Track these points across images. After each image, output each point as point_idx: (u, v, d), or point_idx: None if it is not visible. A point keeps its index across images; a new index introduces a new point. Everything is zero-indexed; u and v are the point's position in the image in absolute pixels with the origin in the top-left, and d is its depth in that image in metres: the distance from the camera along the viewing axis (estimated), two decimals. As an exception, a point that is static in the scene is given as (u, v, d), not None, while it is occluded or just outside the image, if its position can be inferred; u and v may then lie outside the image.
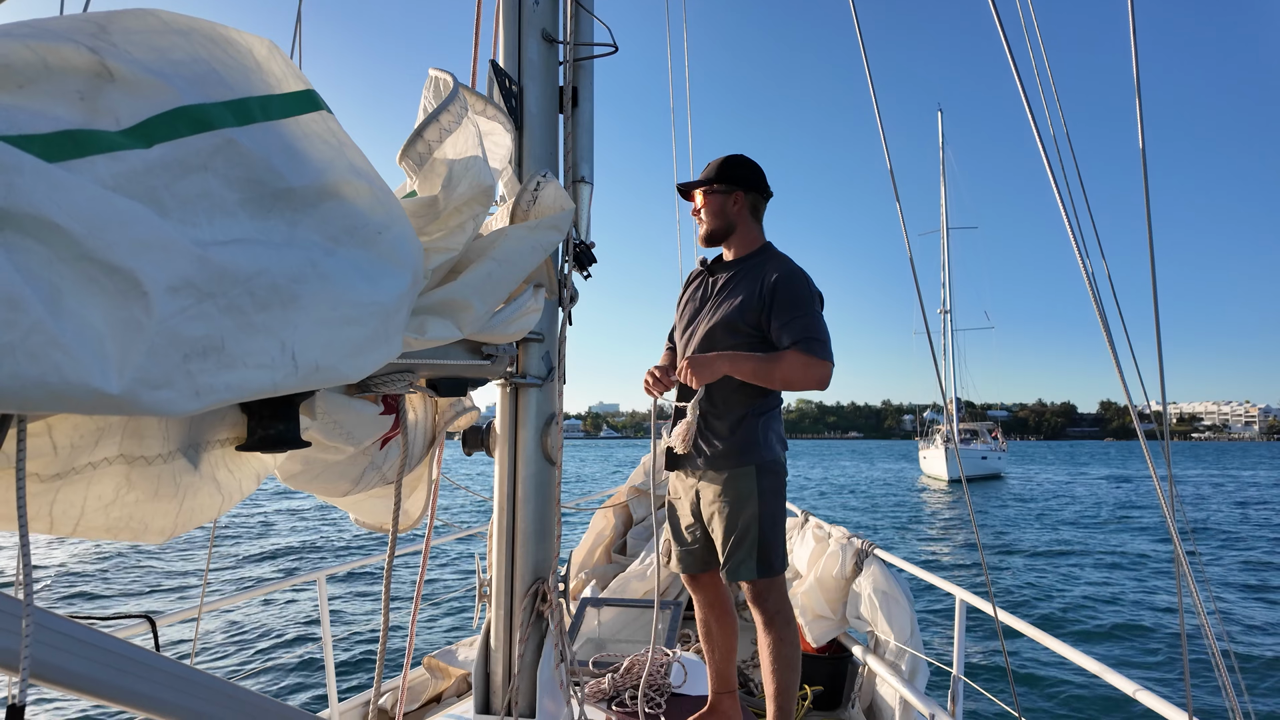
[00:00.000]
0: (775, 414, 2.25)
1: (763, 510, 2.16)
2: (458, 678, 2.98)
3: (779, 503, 2.20)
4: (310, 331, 0.66)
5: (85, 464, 0.72)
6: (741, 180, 2.28)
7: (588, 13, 1.79)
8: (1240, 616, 9.61)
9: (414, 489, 1.53)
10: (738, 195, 2.27)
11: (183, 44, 0.65)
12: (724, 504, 2.19)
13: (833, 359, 2.10)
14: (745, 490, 2.17)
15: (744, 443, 2.18)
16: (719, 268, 2.33)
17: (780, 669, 2.18)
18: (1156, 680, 7.13)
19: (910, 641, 2.79)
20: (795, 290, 2.13)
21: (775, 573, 2.18)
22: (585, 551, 4.11)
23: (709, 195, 2.27)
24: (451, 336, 1.03)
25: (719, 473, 2.20)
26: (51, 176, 0.49)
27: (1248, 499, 27.59)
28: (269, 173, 0.67)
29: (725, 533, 2.19)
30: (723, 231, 2.28)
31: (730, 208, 2.27)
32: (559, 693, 1.69)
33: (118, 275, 0.50)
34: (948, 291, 46.03)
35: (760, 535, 2.15)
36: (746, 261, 2.27)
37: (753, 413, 2.19)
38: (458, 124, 1.04)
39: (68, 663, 0.63)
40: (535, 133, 1.69)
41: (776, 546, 2.19)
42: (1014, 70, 1.41)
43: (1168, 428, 1.45)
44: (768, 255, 2.26)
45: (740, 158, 2.31)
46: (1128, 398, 1.34)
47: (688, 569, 2.39)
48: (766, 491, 2.17)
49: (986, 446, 43.75)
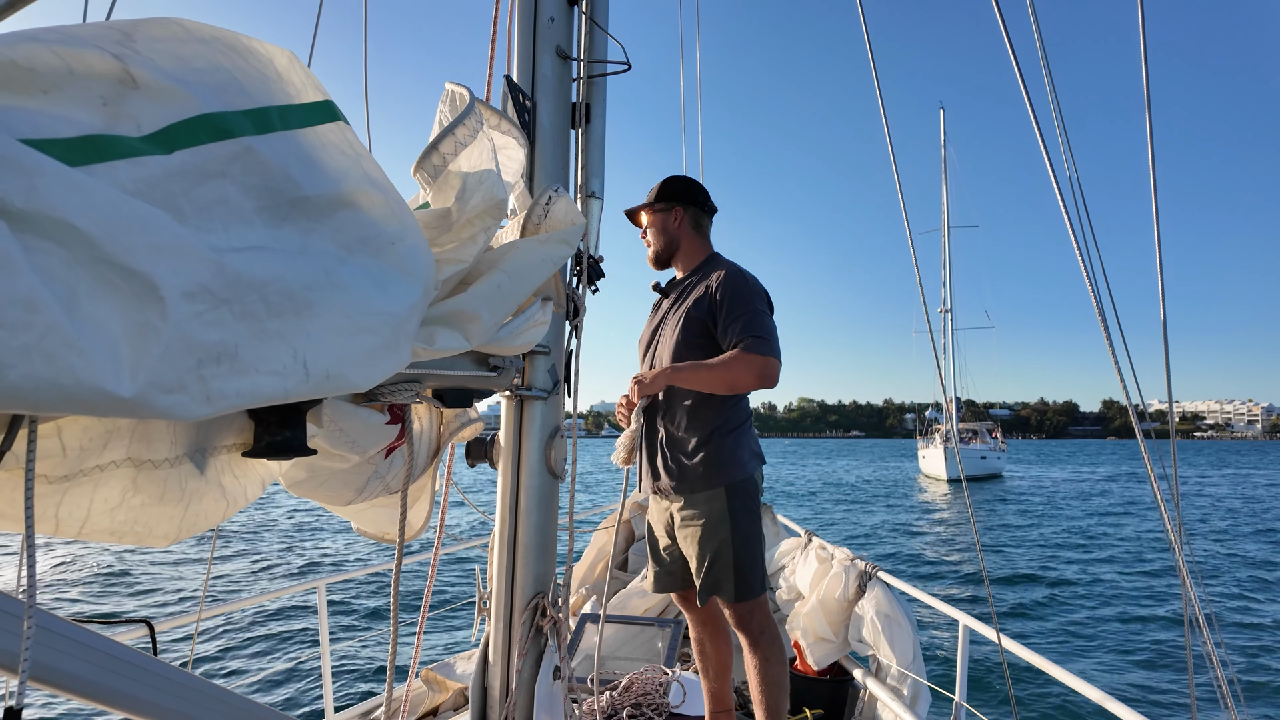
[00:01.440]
0: (744, 428, 2.21)
1: (736, 532, 2.12)
2: (455, 691, 2.95)
3: (753, 522, 2.17)
4: (322, 339, 0.66)
5: (93, 466, 0.72)
6: (678, 196, 2.32)
7: (602, 31, 1.80)
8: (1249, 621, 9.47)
9: (417, 499, 1.53)
10: (677, 211, 2.32)
11: (205, 53, 0.66)
12: (696, 528, 2.16)
13: (777, 355, 2.07)
14: (716, 513, 2.13)
15: (712, 464, 2.14)
16: (671, 288, 2.37)
17: (769, 689, 2.16)
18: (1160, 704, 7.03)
19: (912, 666, 2.76)
20: (735, 290, 2.14)
21: (755, 594, 2.15)
22: (586, 567, 4.09)
23: (651, 215, 2.32)
24: (460, 347, 1.04)
25: (689, 495, 2.17)
26: (72, 180, 0.49)
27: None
28: (286, 181, 0.68)
29: (699, 558, 2.16)
30: (668, 249, 2.33)
31: (671, 224, 2.32)
32: (557, 709, 1.68)
33: (134, 279, 0.50)
34: (949, 290, 45.97)
35: (735, 558, 2.12)
36: (694, 275, 2.30)
37: (719, 431, 2.15)
38: (473, 138, 1.05)
39: (68, 665, 0.63)
40: (547, 147, 1.70)
41: (754, 568, 2.15)
42: (1016, 70, 1.41)
43: (1173, 427, 1.43)
44: (713, 264, 2.28)
45: (678, 177, 2.37)
46: (1126, 397, 1.33)
47: (664, 589, 2.36)
48: (739, 511, 2.14)
49: (986, 446, 43.50)
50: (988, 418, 73.38)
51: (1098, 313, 1.37)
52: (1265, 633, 9.04)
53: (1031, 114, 1.38)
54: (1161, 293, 1.36)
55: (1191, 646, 1.51)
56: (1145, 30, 1.40)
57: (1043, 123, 1.37)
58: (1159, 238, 1.39)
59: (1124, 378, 1.35)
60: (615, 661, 3.05)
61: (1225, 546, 15.54)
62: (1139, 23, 1.40)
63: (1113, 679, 7.43)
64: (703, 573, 2.16)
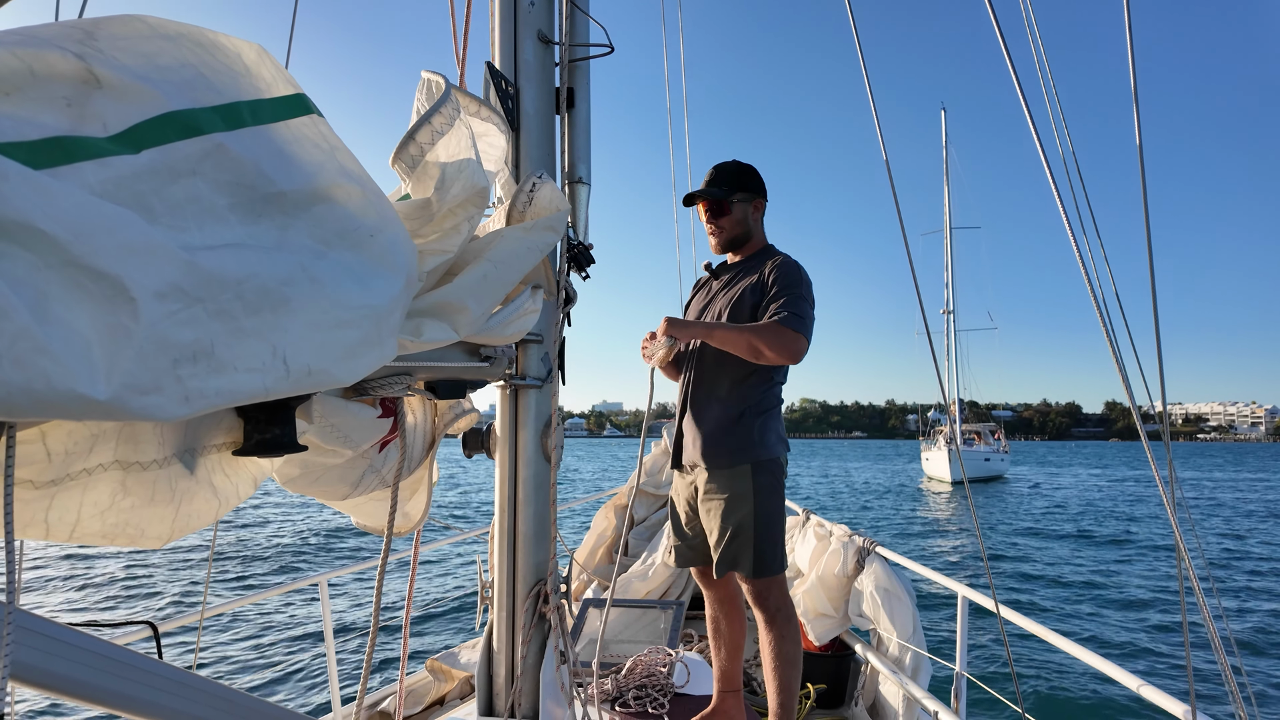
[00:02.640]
0: (774, 413, 2.27)
1: (758, 508, 2.16)
2: (460, 680, 2.98)
3: (776, 501, 2.20)
4: (301, 335, 0.66)
5: (80, 470, 0.71)
6: (759, 189, 2.39)
7: (583, 13, 1.78)
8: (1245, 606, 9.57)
9: (414, 491, 1.53)
10: (759, 203, 2.38)
11: (170, 49, 0.65)
12: (719, 502, 2.20)
13: (809, 337, 2.13)
14: (740, 489, 2.18)
15: (740, 441, 2.19)
16: (724, 270, 2.42)
17: (782, 666, 2.18)
18: (1159, 672, 7.12)
19: (913, 639, 2.78)
20: (789, 273, 2.22)
21: (774, 572, 2.18)
22: (587, 552, 4.11)
23: (732, 205, 2.34)
24: (448, 339, 1.03)
25: (715, 470, 2.22)
26: (38, 183, 0.49)
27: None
28: (259, 177, 0.67)
29: (720, 531, 2.19)
30: (743, 238, 2.37)
31: (752, 216, 2.37)
32: (561, 694, 1.69)
33: (104, 281, 0.50)
34: (951, 292, 45.91)
35: (756, 534, 2.16)
36: (750, 260, 2.35)
37: (750, 411, 2.21)
38: (450, 126, 1.04)
39: (56, 666, 0.63)
40: (532, 134, 1.69)
41: (774, 545, 2.19)
42: (1013, 73, 1.40)
43: (1167, 429, 1.44)
44: (769, 253, 2.35)
45: (750, 166, 2.39)
46: (1130, 398, 1.34)
47: (685, 563, 2.40)
48: (763, 489, 2.18)
49: (988, 448, 43.71)
50: (990, 419, 73.51)
51: (1099, 314, 1.37)
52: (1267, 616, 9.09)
53: (1029, 117, 1.37)
54: (1153, 292, 1.36)
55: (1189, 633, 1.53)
56: (1130, 32, 1.39)
57: (1041, 125, 1.36)
58: (1149, 236, 1.39)
59: (1127, 379, 1.36)
60: (619, 645, 3.07)
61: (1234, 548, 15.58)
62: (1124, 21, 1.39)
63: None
64: (722, 546, 2.19)
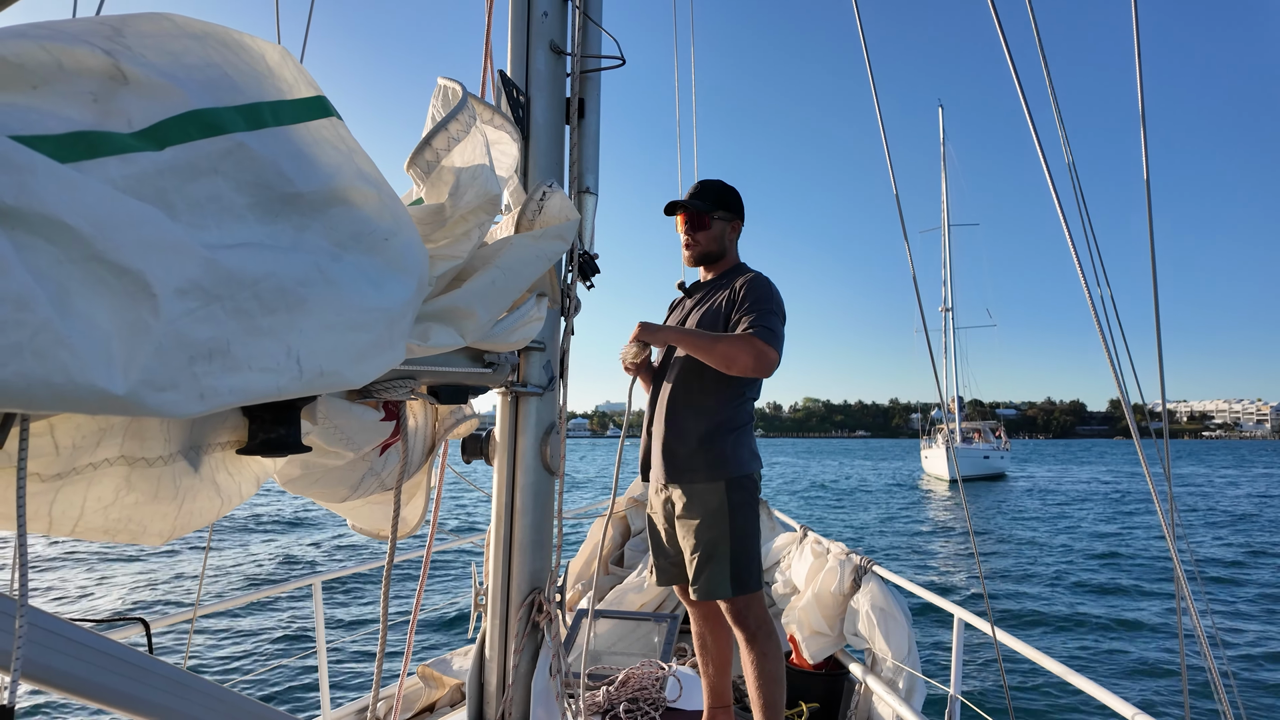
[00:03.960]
0: (746, 430, 2.28)
1: (734, 526, 2.16)
2: (452, 687, 2.96)
3: (750, 517, 2.20)
4: (316, 336, 0.66)
5: (86, 464, 0.71)
6: (739, 211, 2.42)
7: (596, 25, 1.80)
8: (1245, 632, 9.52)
9: (412, 496, 1.53)
10: (736, 224, 2.42)
11: (196, 48, 0.66)
12: (693, 519, 2.19)
13: (779, 351, 2.14)
14: (715, 506, 2.17)
15: (714, 458, 2.20)
16: (697, 288, 2.45)
17: (765, 684, 2.17)
18: (1154, 698, 7.07)
19: (908, 660, 2.77)
20: (760, 290, 2.24)
21: (751, 589, 2.17)
22: (582, 563, 4.09)
23: (712, 220, 2.37)
24: (454, 344, 1.04)
25: (688, 486, 2.22)
26: (63, 177, 0.49)
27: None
28: (278, 177, 0.68)
29: (693, 549, 2.19)
30: (717, 255, 2.40)
31: (729, 235, 2.41)
32: (553, 704, 1.68)
33: (126, 276, 0.50)
34: (949, 289, 45.99)
35: (732, 552, 2.15)
36: (723, 278, 2.38)
37: (723, 428, 2.21)
38: (466, 133, 1.05)
39: (62, 664, 0.63)
40: (541, 143, 1.70)
41: (750, 563, 2.18)
42: (1014, 74, 1.41)
43: (1167, 428, 1.44)
44: (741, 270, 2.38)
45: (733, 188, 2.43)
46: (1124, 400, 1.34)
47: (668, 581, 2.39)
48: (738, 506, 2.18)
49: (989, 446, 43.66)
50: (994, 417, 73.55)
51: (1094, 314, 1.38)
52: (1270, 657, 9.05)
53: (1029, 117, 1.38)
54: (1154, 287, 1.37)
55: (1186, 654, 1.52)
56: (1139, 30, 1.40)
57: (1040, 124, 1.37)
58: (1151, 234, 1.40)
59: (1121, 379, 1.36)
60: (612, 656, 3.05)
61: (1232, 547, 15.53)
62: (1133, 24, 1.41)
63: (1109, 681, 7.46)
64: (696, 565, 2.18)
